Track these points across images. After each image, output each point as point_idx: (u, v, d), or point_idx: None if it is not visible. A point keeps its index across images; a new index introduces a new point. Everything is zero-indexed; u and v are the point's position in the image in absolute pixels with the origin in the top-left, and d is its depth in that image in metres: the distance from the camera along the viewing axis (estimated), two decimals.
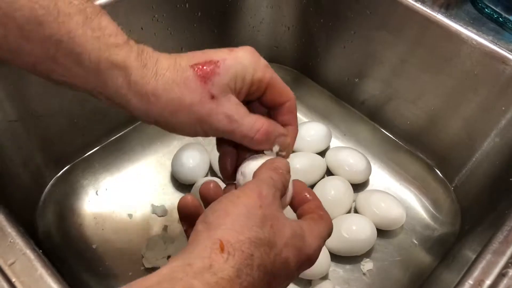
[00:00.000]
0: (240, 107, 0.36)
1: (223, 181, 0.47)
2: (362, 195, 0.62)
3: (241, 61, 0.36)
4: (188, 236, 0.34)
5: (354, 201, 0.62)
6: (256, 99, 0.39)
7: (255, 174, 0.35)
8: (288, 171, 0.37)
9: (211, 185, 0.37)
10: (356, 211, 0.62)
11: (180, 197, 0.36)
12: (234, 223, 0.29)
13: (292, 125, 0.40)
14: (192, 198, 0.35)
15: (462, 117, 0.62)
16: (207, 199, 0.36)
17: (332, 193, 0.60)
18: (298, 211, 0.38)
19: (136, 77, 0.33)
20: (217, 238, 0.28)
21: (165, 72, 0.34)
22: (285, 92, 0.39)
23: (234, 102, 0.36)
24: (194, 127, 0.35)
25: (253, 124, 0.36)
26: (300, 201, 0.38)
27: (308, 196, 0.38)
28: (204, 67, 0.35)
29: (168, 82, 0.34)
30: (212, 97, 0.35)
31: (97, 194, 0.62)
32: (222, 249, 0.27)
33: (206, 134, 0.36)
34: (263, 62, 0.37)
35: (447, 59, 0.59)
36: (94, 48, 0.33)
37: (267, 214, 0.30)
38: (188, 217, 0.35)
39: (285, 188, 0.36)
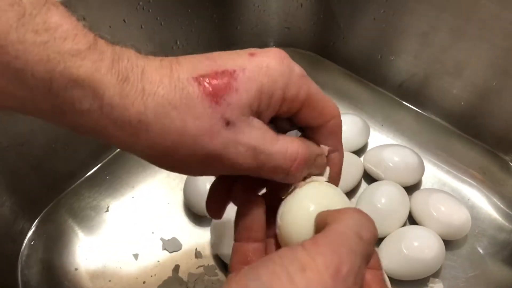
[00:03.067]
0: (267, 132, 0.27)
1: None
2: (416, 197, 0.51)
3: (268, 71, 0.26)
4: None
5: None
6: (285, 118, 0.29)
7: (327, 221, 0.24)
8: (376, 239, 0.25)
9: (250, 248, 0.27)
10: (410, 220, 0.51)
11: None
12: None
13: (336, 149, 0.31)
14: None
15: None
16: None
17: (383, 201, 0.49)
18: None
19: (113, 98, 0.23)
20: None
21: (157, 88, 0.24)
22: (327, 108, 0.29)
23: (258, 127, 0.26)
24: (202, 166, 0.26)
25: (285, 152, 0.27)
26: None
27: None
28: (215, 81, 0.25)
29: (162, 104, 0.24)
30: (228, 123, 0.25)
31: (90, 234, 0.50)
32: None
33: (219, 173, 0.28)
34: (297, 71, 0.27)
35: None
36: (39, 59, 0.21)
37: None
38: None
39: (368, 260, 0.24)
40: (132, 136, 0.24)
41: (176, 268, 0.48)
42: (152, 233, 0.50)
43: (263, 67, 0.26)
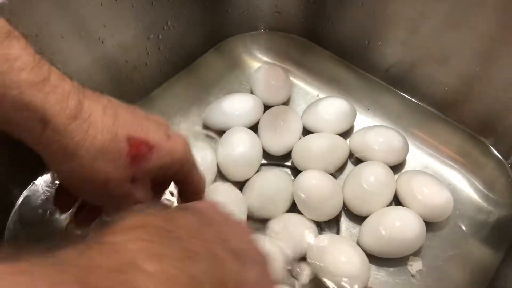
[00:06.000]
0: (148, 193, 0.35)
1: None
2: (401, 179, 0.52)
3: (173, 154, 0.35)
4: None
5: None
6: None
7: None
8: None
9: None
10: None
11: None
12: None
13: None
14: None
15: (508, 72, 0.52)
16: None
17: (369, 181, 0.50)
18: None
19: (59, 126, 0.28)
20: None
21: (97, 134, 0.30)
22: (200, 186, 0.40)
23: (146, 189, 0.35)
24: (98, 197, 0.34)
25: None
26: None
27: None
28: (139, 147, 0.32)
29: (97, 149, 0.30)
30: (133, 180, 0.33)
31: None
32: None
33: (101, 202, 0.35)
34: (192, 160, 0.37)
35: None
36: None
37: None
38: None
39: None
40: (61, 160, 0.29)
41: None
42: None
43: (172, 150, 0.34)
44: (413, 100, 0.61)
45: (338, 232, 0.50)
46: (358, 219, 0.50)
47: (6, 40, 0.26)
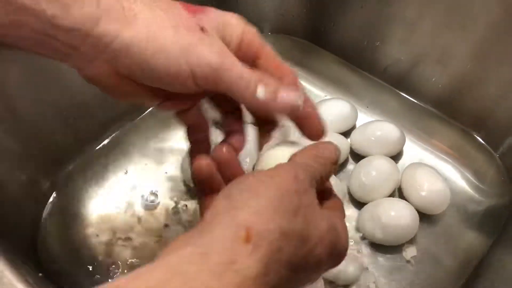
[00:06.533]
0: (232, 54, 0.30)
1: None
2: (406, 172, 0.55)
3: (230, 17, 0.31)
4: (202, 208, 0.31)
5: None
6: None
7: (290, 158, 0.30)
8: (334, 162, 0.30)
9: (224, 149, 0.31)
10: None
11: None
12: (264, 207, 0.24)
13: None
14: (208, 163, 0.30)
15: (498, 73, 0.55)
16: (223, 168, 0.31)
17: (373, 174, 0.53)
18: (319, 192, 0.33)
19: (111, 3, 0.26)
20: (242, 223, 0.23)
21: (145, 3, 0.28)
22: (283, 66, 0.33)
23: (225, 45, 0.30)
24: (179, 57, 0.28)
25: (248, 68, 0.30)
26: None
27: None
28: (192, 6, 0.30)
29: (150, 4, 0.28)
30: (202, 29, 0.29)
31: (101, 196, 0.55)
32: (248, 238, 0.22)
33: (189, 74, 0.28)
34: (252, 28, 0.32)
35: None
36: None
37: (303, 202, 0.26)
38: (204, 184, 0.30)
39: (324, 182, 0.30)
40: (121, 24, 0.26)
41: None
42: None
43: (226, 15, 0.31)
44: (410, 98, 0.64)
45: None
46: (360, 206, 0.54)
47: None
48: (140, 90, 0.30)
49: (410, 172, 0.55)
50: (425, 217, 0.53)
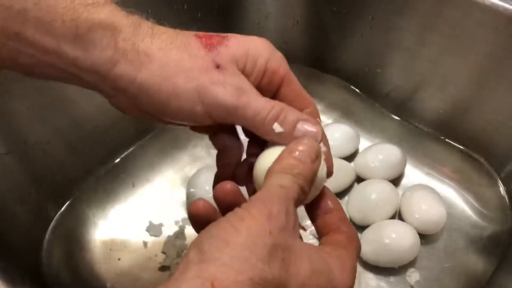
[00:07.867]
0: (252, 86, 0.30)
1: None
2: (405, 194, 0.56)
3: (254, 42, 0.31)
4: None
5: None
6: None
7: (268, 172, 0.28)
8: (316, 157, 0.28)
9: (228, 186, 0.29)
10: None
11: None
12: (232, 258, 0.22)
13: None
14: (205, 203, 0.29)
15: (499, 98, 0.56)
16: (223, 204, 0.30)
17: (372, 197, 0.54)
18: (317, 222, 0.31)
19: (127, 35, 0.28)
20: (209, 278, 0.22)
21: (162, 34, 0.29)
22: (304, 95, 0.33)
23: (244, 78, 0.30)
24: (192, 99, 0.29)
25: (266, 102, 0.30)
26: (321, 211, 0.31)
27: (330, 205, 0.31)
28: (210, 38, 0.30)
29: (166, 43, 0.29)
30: (218, 66, 0.29)
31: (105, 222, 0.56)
32: None
33: (204, 113, 0.29)
34: (279, 54, 0.32)
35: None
36: (67, 9, 0.27)
37: (278, 243, 0.24)
38: (202, 225, 0.29)
39: (309, 184, 0.28)
40: (137, 66, 0.28)
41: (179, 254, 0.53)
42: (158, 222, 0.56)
43: (252, 40, 0.31)
44: (411, 122, 0.65)
45: None
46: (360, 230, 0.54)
47: None
48: (162, 120, 0.31)
49: (407, 194, 0.55)
50: (428, 241, 0.53)
